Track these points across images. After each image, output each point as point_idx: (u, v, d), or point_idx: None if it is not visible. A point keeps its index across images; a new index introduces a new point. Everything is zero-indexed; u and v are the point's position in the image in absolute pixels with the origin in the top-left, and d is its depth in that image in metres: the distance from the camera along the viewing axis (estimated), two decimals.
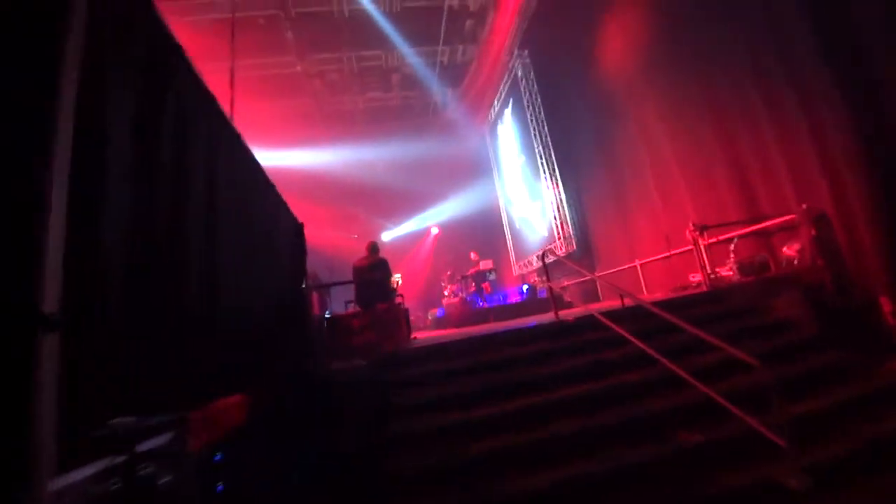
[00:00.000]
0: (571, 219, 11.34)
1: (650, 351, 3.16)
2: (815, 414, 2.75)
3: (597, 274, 10.79)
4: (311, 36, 12.68)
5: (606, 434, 2.76)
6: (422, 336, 7.63)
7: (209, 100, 2.48)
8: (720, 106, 6.05)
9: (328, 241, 17.62)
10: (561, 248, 10.99)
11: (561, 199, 11.10)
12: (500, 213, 15.74)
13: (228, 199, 2.50)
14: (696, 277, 6.32)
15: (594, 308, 4.85)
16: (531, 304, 9.98)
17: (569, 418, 2.89)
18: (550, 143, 11.18)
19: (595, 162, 10.01)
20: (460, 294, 10.90)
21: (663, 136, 7.59)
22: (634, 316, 3.73)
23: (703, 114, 6.44)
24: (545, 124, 11.19)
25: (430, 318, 12.05)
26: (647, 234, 8.51)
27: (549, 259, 12.01)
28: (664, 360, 3.10)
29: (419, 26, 12.62)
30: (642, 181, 8.38)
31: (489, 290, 10.30)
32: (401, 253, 18.50)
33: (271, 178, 3.76)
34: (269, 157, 15.20)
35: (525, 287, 11.13)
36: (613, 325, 3.53)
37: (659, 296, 7.13)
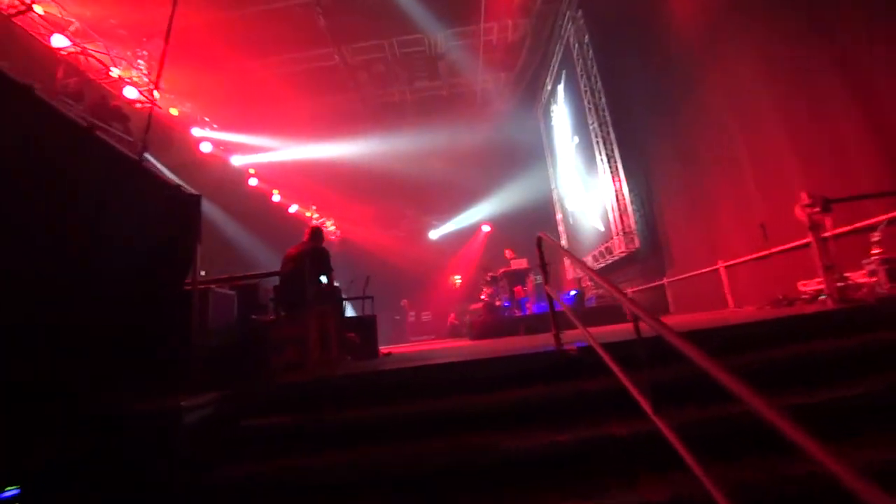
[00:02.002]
0: (635, 210, 9.27)
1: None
2: None
3: (666, 279, 8.67)
4: (344, 23, 12.00)
5: None
6: (401, 350, 6.26)
7: None
8: (848, 52, 4.05)
9: (374, 239, 17.06)
10: (619, 247, 8.98)
11: (621, 186, 9.08)
12: (554, 208, 13.85)
13: None
14: (810, 286, 4.25)
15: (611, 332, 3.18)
16: (581, 314, 8.15)
17: None
18: (608, 119, 9.22)
19: (665, 138, 7.94)
20: (492, 298, 9.36)
21: (762, 97, 5.57)
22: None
23: (825, 64, 4.44)
24: (602, 96, 9.25)
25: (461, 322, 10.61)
26: (735, 227, 6.38)
27: (604, 260, 10.08)
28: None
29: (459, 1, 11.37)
30: (730, 158, 6.28)
31: (522, 294, 8.63)
32: (449, 252, 17.34)
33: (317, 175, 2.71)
34: (316, 153, 14.94)
35: (573, 293, 9.27)
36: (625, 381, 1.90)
37: (750, 311, 5.08)
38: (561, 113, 11.76)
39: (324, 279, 3.83)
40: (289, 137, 14.45)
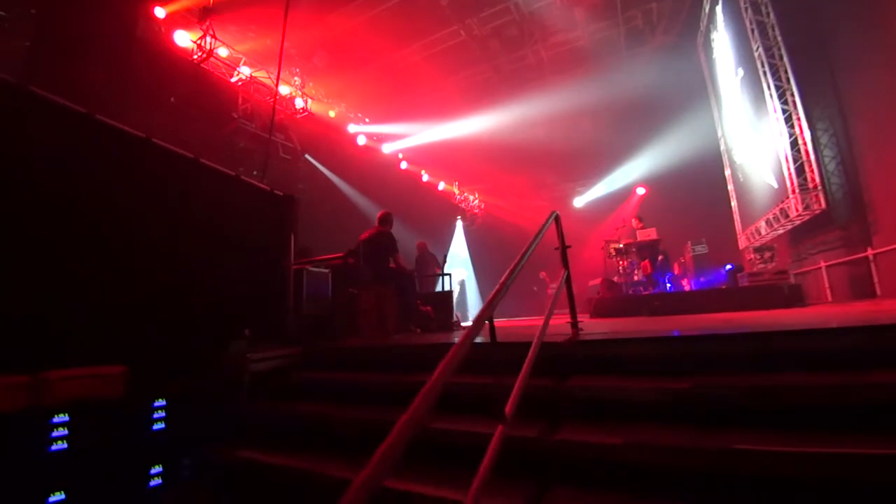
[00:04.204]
0: (826, 158, 6.94)
1: None
2: None
3: (871, 251, 6.32)
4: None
5: None
6: (501, 325, 6.16)
7: None
8: None
9: (516, 210, 17.03)
10: (797, 207, 6.90)
11: (799, 126, 6.86)
12: (721, 162, 11.29)
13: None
14: None
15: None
16: (725, 294, 6.70)
17: None
18: (780, 40, 6.98)
19: (875, 54, 5.64)
20: (625, 273, 8.41)
21: None
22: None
23: None
24: (769, 9, 7.03)
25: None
26: None
27: (779, 226, 7.79)
28: None
29: None
30: None
31: (649, 269, 7.48)
32: (597, 220, 16.03)
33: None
34: (457, 130, 15.65)
35: (728, 267, 7.59)
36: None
37: None
38: (722, 41, 9.35)
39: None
40: (431, 120, 15.46)
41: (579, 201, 16.24)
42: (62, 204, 2.92)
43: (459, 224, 17.20)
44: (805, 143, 6.81)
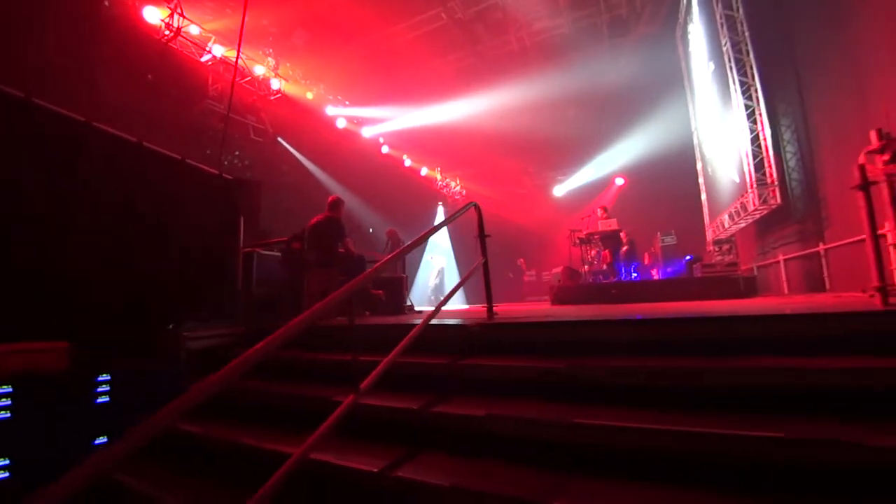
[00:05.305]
0: (786, 154, 7.13)
1: None
2: None
3: (822, 246, 6.55)
4: None
5: None
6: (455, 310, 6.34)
7: None
8: None
9: (496, 198, 17.09)
10: (754, 202, 7.09)
11: (761, 123, 7.01)
12: (695, 156, 11.46)
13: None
14: None
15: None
16: (681, 284, 6.92)
17: None
18: (747, 34, 7.07)
19: (833, 55, 5.77)
20: (594, 261, 8.59)
21: None
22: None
23: None
24: (739, 2, 7.11)
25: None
26: None
27: (740, 220, 8.01)
28: None
29: None
30: None
31: (608, 258, 7.67)
32: (576, 209, 16.19)
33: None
34: (440, 115, 15.54)
35: (687, 258, 7.81)
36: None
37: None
38: (697, 34, 9.41)
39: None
40: (414, 103, 15.32)
41: (559, 190, 16.38)
42: (8, 189, 2.98)
43: (441, 210, 17.27)
44: (765, 140, 6.97)
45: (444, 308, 2.90)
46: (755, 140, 7.07)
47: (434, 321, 2.93)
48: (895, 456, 1.25)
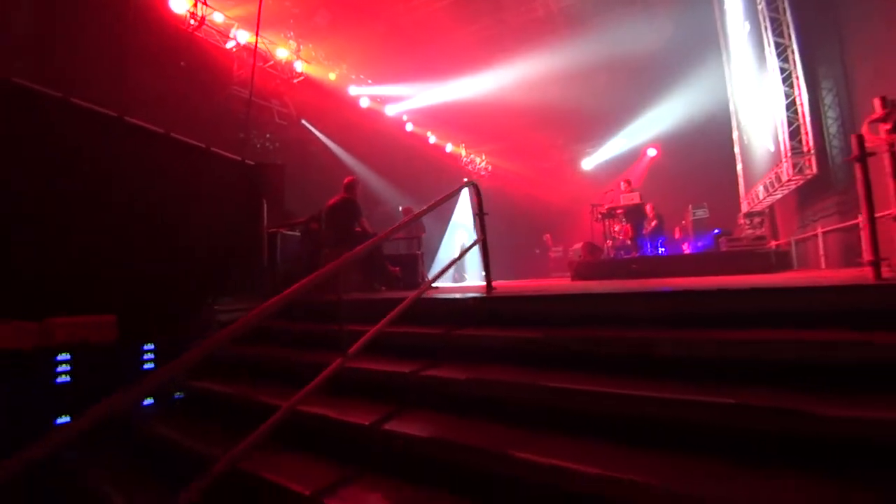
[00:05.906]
0: (827, 120, 6.69)
1: None
2: None
3: (861, 219, 6.17)
4: None
5: None
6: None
7: None
8: None
9: (522, 173, 16.83)
10: (788, 172, 6.74)
11: (798, 87, 6.57)
12: (731, 124, 10.83)
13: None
14: None
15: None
16: (705, 259, 6.75)
17: None
18: None
19: (878, 4, 5.31)
20: (619, 237, 8.46)
21: None
22: None
23: None
24: None
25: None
26: None
27: (774, 191, 7.60)
28: None
29: None
30: None
31: (630, 233, 7.53)
32: (605, 182, 15.74)
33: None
34: (464, 90, 15.28)
35: (715, 232, 7.57)
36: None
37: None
38: None
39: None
40: (437, 79, 15.14)
41: (588, 163, 15.94)
42: (67, 184, 3.38)
43: (466, 190, 17.20)
44: (802, 105, 6.54)
45: (461, 283, 3.06)
46: (791, 105, 6.65)
47: (438, 296, 3.12)
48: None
